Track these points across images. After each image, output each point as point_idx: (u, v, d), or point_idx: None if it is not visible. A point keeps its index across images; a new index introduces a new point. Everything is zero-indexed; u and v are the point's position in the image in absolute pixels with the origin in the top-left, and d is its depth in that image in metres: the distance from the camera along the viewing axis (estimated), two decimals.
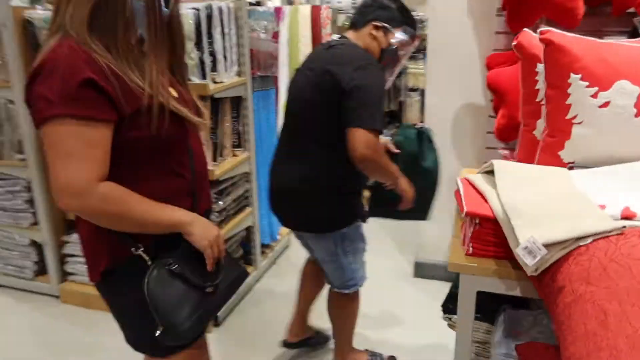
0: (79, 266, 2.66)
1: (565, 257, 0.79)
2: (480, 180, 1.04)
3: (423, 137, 2.02)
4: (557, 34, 1.09)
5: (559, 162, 1.11)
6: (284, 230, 3.32)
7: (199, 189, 1.25)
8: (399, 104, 4.43)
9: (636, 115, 1.01)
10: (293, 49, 3.92)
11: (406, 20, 1.88)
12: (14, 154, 2.58)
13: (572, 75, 1.06)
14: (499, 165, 1.03)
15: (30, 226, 2.65)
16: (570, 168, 1.09)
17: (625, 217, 0.89)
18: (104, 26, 1.04)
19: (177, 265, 1.15)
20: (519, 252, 0.81)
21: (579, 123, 1.06)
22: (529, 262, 0.81)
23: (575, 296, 0.71)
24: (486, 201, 0.99)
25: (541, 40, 1.11)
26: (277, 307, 2.63)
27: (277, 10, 3.93)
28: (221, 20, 2.35)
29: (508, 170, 1.02)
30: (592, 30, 1.97)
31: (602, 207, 0.90)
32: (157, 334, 1.12)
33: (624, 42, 1.10)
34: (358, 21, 1.89)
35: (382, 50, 1.87)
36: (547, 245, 0.80)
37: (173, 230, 1.16)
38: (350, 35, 1.89)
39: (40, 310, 2.65)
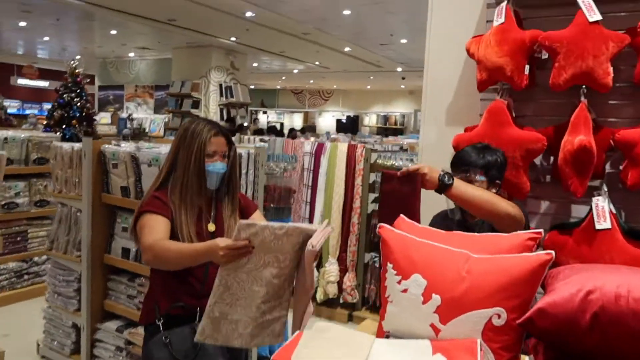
0: (103, 351, 3.17)
1: None
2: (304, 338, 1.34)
3: None
4: (387, 230, 1.43)
5: (382, 331, 1.38)
6: None
7: None
8: None
9: (423, 303, 1.28)
10: (329, 179, 4.45)
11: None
12: (74, 250, 3.27)
13: (388, 263, 1.37)
14: (308, 333, 1.31)
15: (74, 311, 3.25)
16: (387, 336, 1.37)
17: None
18: None
19: (169, 339, 1.77)
20: None
21: (391, 302, 1.35)
22: None
23: None
24: None
25: (378, 232, 1.45)
26: None
27: (320, 146, 4.54)
28: (239, 164, 2.93)
29: (323, 334, 1.32)
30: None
31: None
32: None
33: (430, 242, 1.39)
34: None
35: None
36: None
37: (202, 261, 1.68)
38: None
39: None
